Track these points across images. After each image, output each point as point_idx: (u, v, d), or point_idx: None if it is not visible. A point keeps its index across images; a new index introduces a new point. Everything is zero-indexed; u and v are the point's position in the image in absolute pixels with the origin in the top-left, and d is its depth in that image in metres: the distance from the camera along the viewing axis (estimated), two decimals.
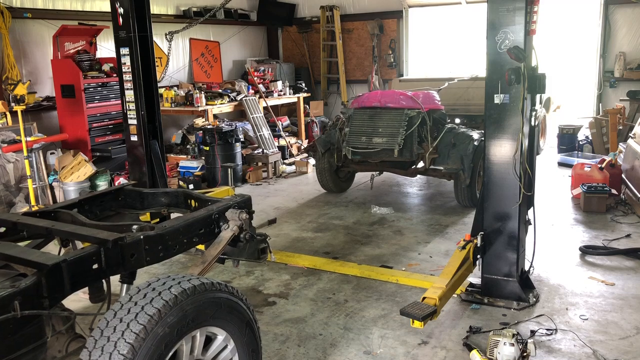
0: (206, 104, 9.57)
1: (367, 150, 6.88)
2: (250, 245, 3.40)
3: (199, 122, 9.72)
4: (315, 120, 11.58)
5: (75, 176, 7.28)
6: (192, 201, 3.69)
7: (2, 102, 7.15)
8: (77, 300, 3.80)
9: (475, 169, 6.64)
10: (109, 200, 3.78)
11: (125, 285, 3.03)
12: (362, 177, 8.27)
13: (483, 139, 6.62)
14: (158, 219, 3.83)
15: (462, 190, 6.80)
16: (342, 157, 7.32)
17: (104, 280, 2.90)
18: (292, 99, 11.44)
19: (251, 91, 10.63)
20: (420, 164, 7.05)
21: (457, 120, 8.38)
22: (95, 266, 2.61)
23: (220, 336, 2.60)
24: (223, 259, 3.59)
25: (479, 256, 4.42)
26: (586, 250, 5.40)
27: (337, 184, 7.86)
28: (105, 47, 9.17)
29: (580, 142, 9.81)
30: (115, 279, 2.96)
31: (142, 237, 2.79)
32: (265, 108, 10.55)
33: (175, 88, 10.18)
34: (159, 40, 9.41)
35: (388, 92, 7.29)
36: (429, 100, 6.98)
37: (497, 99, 4.18)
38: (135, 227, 2.94)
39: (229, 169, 8.26)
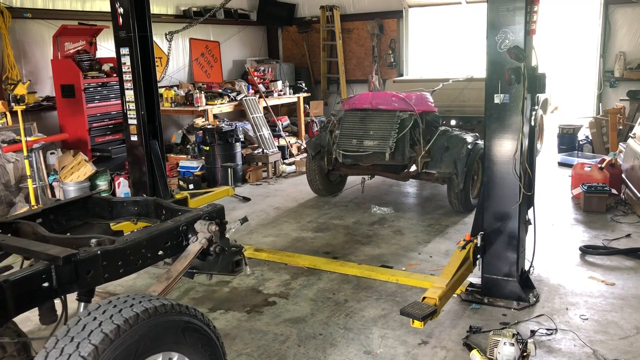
0: (206, 104, 9.57)
1: (358, 154, 6.73)
2: (223, 258, 3.22)
3: (199, 122, 9.72)
4: (315, 120, 11.58)
5: (75, 176, 7.28)
6: (163, 210, 3.51)
7: (2, 102, 7.14)
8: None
9: (469, 173, 6.51)
10: (77, 210, 3.60)
11: (82, 304, 2.85)
12: (359, 178, 8.25)
13: (477, 142, 6.65)
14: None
15: (455, 195, 6.64)
16: (332, 160, 7.13)
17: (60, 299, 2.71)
18: (292, 98, 11.44)
19: (251, 91, 10.64)
20: (413, 168, 6.91)
21: (453, 122, 8.32)
22: (45, 285, 2.44)
23: (159, 358, 2.39)
24: (192, 273, 3.41)
25: (479, 256, 4.42)
26: (586, 250, 5.40)
27: (327, 187, 7.69)
28: (105, 47, 9.17)
29: (580, 142, 9.80)
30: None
31: (99, 252, 2.62)
32: (265, 108, 10.55)
33: (175, 88, 10.18)
34: (159, 40, 9.41)
35: (379, 94, 7.17)
36: (422, 102, 6.85)
37: (497, 98, 4.18)
38: (93, 240, 2.75)
39: (229, 169, 8.26)
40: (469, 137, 6.67)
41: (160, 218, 3.51)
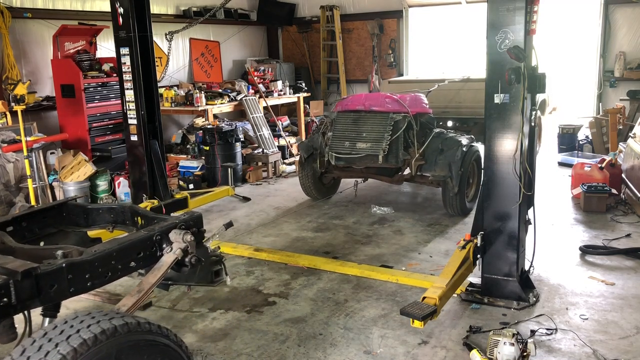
0: (206, 104, 9.57)
1: (350, 156, 6.61)
2: (202, 268, 3.07)
3: (199, 121, 9.72)
4: (315, 120, 11.57)
5: (75, 176, 7.28)
6: (139, 218, 3.39)
7: (2, 102, 7.14)
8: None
9: (464, 176, 6.41)
10: (52, 217, 3.47)
11: (47, 319, 2.71)
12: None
13: (472, 144, 6.61)
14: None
15: (450, 199, 6.54)
16: (325, 162, 7.03)
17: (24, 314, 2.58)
18: (292, 98, 11.44)
19: (251, 91, 10.64)
20: (407, 171, 6.81)
21: (450, 124, 8.24)
22: (4, 301, 2.31)
23: None
24: (167, 285, 3.28)
25: (479, 256, 4.42)
26: (586, 250, 5.40)
27: (320, 190, 7.54)
28: (105, 47, 9.17)
29: (581, 142, 9.80)
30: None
31: (63, 265, 2.48)
32: (265, 108, 10.55)
33: (175, 88, 10.18)
34: (159, 40, 9.40)
35: (373, 95, 7.07)
36: (416, 103, 6.75)
37: (497, 98, 4.18)
38: (59, 252, 2.60)
39: (229, 169, 8.26)
40: (464, 140, 6.57)
41: (137, 226, 3.40)
